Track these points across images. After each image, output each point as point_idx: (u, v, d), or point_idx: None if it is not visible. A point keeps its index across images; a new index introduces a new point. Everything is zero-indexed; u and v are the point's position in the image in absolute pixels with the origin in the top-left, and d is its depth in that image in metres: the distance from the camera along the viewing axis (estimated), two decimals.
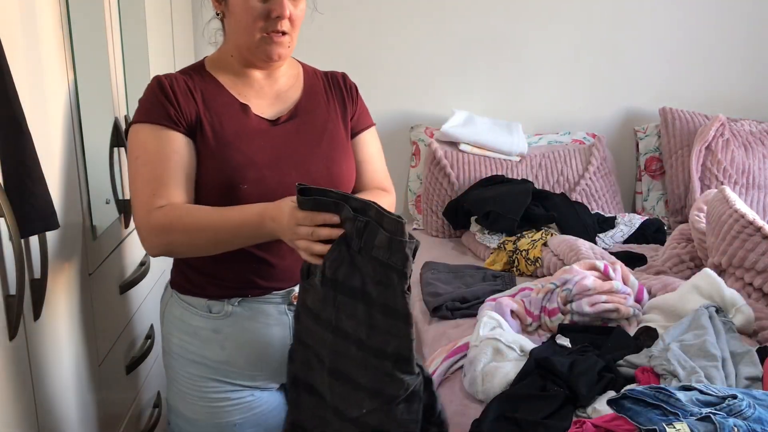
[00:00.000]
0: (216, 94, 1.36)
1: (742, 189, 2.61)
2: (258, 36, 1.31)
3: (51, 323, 1.21)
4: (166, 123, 1.29)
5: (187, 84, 1.34)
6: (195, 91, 1.34)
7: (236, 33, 1.34)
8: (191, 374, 1.40)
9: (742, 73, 2.91)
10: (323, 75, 1.49)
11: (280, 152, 1.35)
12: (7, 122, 1.00)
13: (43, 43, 1.20)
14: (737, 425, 1.04)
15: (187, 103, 1.32)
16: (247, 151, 1.32)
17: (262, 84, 1.40)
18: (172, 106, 1.30)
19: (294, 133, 1.38)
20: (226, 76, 1.38)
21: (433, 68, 2.79)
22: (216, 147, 1.31)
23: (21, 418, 1.10)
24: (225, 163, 1.31)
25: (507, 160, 2.65)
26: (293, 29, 1.33)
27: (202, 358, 1.39)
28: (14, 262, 1.01)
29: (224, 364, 1.38)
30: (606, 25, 2.81)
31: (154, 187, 1.27)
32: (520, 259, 2.18)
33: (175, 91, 1.31)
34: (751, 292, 1.78)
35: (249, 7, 1.28)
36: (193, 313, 1.38)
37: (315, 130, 1.40)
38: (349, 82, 1.50)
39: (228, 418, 1.41)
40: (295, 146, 1.37)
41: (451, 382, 1.55)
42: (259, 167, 1.32)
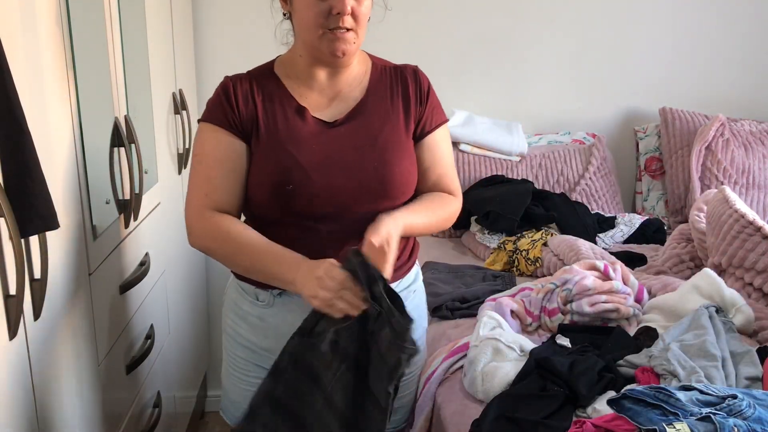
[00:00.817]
0: (276, 96, 1.40)
1: (742, 189, 2.61)
2: (320, 32, 1.32)
3: (51, 323, 1.21)
4: (224, 126, 1.37)
5: (251, 87, 1.40)
6: (257, 94, 1.39)
7: (301, 31, 1.36)
8: (238, 357, 1.48)
9: (742, 73, 2.91)
10: (392, 70, 1.49)
11: (330, 155, 1.37)
12: (7, 122, 1.00)
13: (43, 43, 1.20)
14: (737, 425, 1.04)
15: (246, 108, 1.38)
16: (296, 153, 1.36)
17: (324, 85, 1.42)
18: (231, 110, 1.37)
19: (347, 136, 1.39)
20: (291, 78, 1.42)
21: (432, 68, 2.77)
22: (267, 148, 1.37)
23: (21, 418, 1.10)
24: (273, 163, 1.36)
25: (507, 160, 2.65)
26: (358, 26, 1.33)
27: (249, 343, 1.46)
28: (14, 262, 1.01)
29: (267, 351, 1.43)
30: (606, 25, 2.80)
31: (208, 188, 1.36)
32: (520, 259, 2.18)
33: (237, 95, 1.38)
34: (751, 292, 1.78)
35: (310, 5, 1.30)
36: (244, 298, 1.46)
37: (370, 132, 1.40)
38: (421, 78, 1.48)
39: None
40: (345, 150, 1.38)
41: (451, 382, 1.56)
42: (306, 170, 1.35)
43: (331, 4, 1.28)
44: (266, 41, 2.66)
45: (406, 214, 1.36)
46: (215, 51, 2.64)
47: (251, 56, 2.62)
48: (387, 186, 1.38)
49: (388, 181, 1.38)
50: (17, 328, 1.05)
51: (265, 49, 2.66)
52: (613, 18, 2.80)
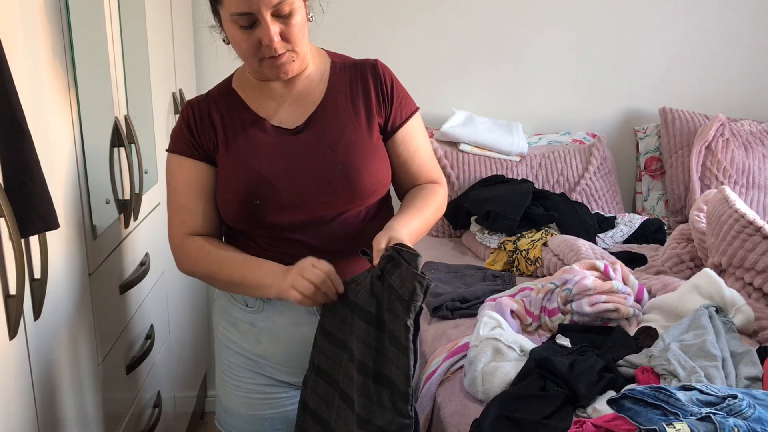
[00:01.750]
0: (235, 113, 1.39)
1: (742, 189, 2.61)
2: (258, 61, 1.30)
3: (51, 323, 1.21)
4: (188, 154, 1.38)
5: (208, 108, 1.39)
6: (214, 115, 1.38)
7: (241, 58, 1.34)
8: (232, 363, 1.46)
9: (742, 73, 2.91)
10: (351, 67, 1.43)
11: (294, 164, 1.34)
12: (7, 122, 1.00)
13: (43, 43, 1.20)
14: (737, 425, 1.04)
15: (205, 131, 1.38)
16: (258, 166, 1.34)
17: (281, 92, 1.39)
18: (192, 137, 1.38)
19: (309, 141, 1.36)
20: (248, 90, 1.40)
21: (433, 68, 2.79)
22: (230, 165, 1.36)
23: (21, 418, 1.10)
24: (237, 180, 1.35)
25: (507, 160, 2.65)
26: (294, 44, 1.29)
27: (241, 349, 1.44)
28: (14, 262, 1.01)
29: (260, 357, 1.43)
30: (606, 25, 2.80)
31: (183, 215, 1.39)
32: (520, 259, 2.18)
33: (196, 120, 1.38)
34: (751, 292, 1.78)
35: (238, 40, 1.27)
36: (233, 305, 1.44)
37: (332, 136, 1.36)
38: (381, 73, 1.42)
39: (261, 411, 1.45)
40: (309, 156, 1.35)
41: (451, 382, 1.56)
42: (270, 181, 1.33)
43: (258, 36, 1.25)
44: None
45: (405, 222, 1.34)
46: (215, 51, 2.63)
47: None
48: (356, 187, 1.35)
49: (356, 182, 1.35)
50: (17, 328, 1.05)
51: None
52: (613, 18, 2.80)
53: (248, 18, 1.23)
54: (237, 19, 1.24)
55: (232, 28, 1.26)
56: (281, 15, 1.24)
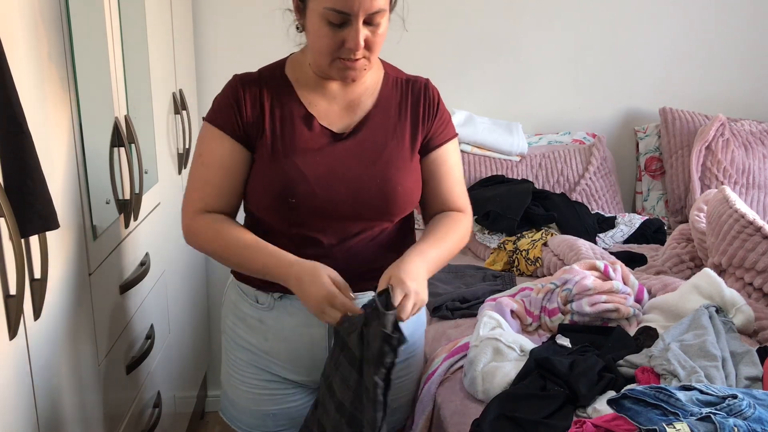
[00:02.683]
0: (285, 101, 1.36)
1: (742, 189, 2.61)
2: (331, 59, 1.28)
3: (51, 323, 1.21)
4: (228, 131, 1.34)
5: (260, 90, 1.35)
6: (265, 99, 1.35)
7: (312, 52, 1.32)
8: (238, 358, 1.47)
9: (742, 73, 2.91)
10: (404, 82, 1.44)
11: (335, 169, 1.34)
12: (7, 122, 1.00)
13: (43, 43, 1.20)
14: (737, 425, 1.04)
15: (253, 113, 1.34)
16: (301, 165, 1.32)
17: (335, 93, 1.38)
18: (238, 115, 1.33)
19: (353, 150, 1.35)
20: (302, 82, 1.37)
21: (432, 68, 2.78)
22: (272, 157, 1.33)
23: (21, 418, 1.10)
24: (278, 174, 1.33)
25: (507, 160, 2.65)
26: (372, 53, 1.29)
27: (248, 344, 1.45)
28: (14, 262, 1.01)
29: (266, 354, 1.43)
30: (606, 25, 2.81)
31: (205, 192, 1.35)
32: (520, 259, 2.18)
33: (246, 99, 1.34)
34: (751, 292, 1.78)
35: (321, 35, 1.25)
36: (244, 300, 1.44)
37: (375, 147, 1.36)
38: (431, 93, 1.43)
39: (264, 407, 1.46)
40: (350, 164, 1.34)
41: (451, 382, 1.56)
42: (310, 183, 1.32)
43: (345, 37, 1.24)
44: (266, 41, 2.66)
45: (423, 250, 1.31)
46: (215, 51, 2.64)
47: (251, 56, 2.62)
48: (389, 203, 1.36)
49: (391, 199, 1.35)
50: (17, 328, 1.05)
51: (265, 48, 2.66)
52: (613, 18, 2.80)
53: (341, 17, 1.22)
54: (329, 14, 1.22)
55: (318, 21, 1.23)
56: (372, 23, 1.25)
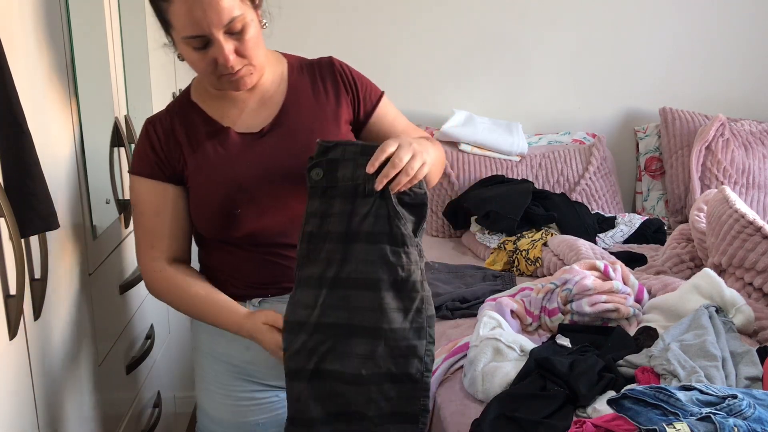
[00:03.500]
0: (199, 125, 1.34)
1: (742, 189, 2.61)
2: (215, 79, 1.27)
3: (51, 323, 1.21)
4: (153, 176, 1.32)
5: (171, 125, 1.33)
6: (179, 130, 1.33)
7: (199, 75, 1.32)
8: (218, 372, 1.42)
9: (742, 73, 2.91)
10: (308, 66, 1.41)
11: (268, 167, 1.31)
12: (7, 122, 1.00)
13: (43, 43, 1.20)
14: (737, 425, 1.03)
15: (171, 149, 1.32)
16: (233, 175, 1.31)
17: (242, 98, 1.35)
18: (156, 157, 1.31)
19: (279, 144, 1.33)
20: (208, 101, 1.35)
21: (433, 68, 2.79)
22: (204, 180, 1.31)
23: (21, 418, 1.10)
24: (214, 193, 1.31)
25: (507, 160, 2.65)
26: (251, 57, 1.25)
27: (228, 357, 1.40)
28: (14, 262, 1.01)
29: (249, 363, 1.39)
30: (606, 25, 2.81)
31: (151, 239, 1.34)
32: (520, 259, 2.18)
33: (159, 139, 1.32)
34: (751, 292, 1.78)
35: (194, 60, 1.24)
36: None
37: (302, 136, 1.34)
38: (338, 66, 1.42)
39: (252, 417, 1.42)
40: (280, 157, 1.32)
41: (451, 382, 1.55)
42: (248, 189, 1.30)
43: (213, 55, 1.22)
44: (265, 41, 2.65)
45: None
46: None
47: None
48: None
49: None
50: (17, 328, 1.05)
51: None
52: (613, 18, 2.80)
53: (201, 40, 1.20)
54: (190, 41, 1.21)
55: (186, 50, 1.23)
56: (234, 32, 1.21)
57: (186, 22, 1.18)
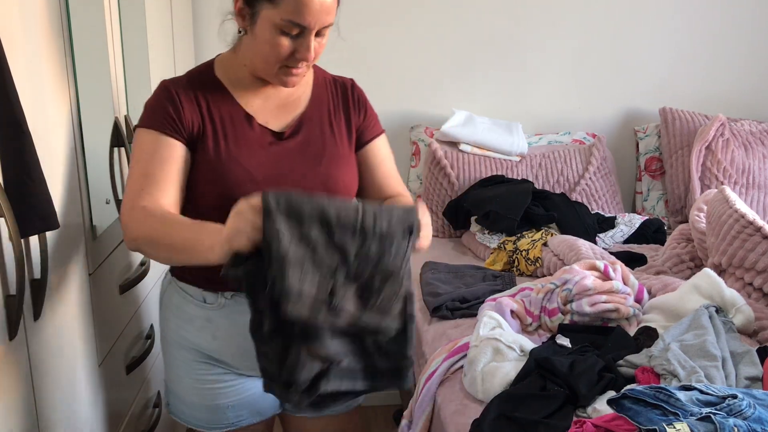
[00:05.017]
0: (221, 103, 1.34)
1: (742, 189, 2.61)
2: (277, 67, 1.29)
3: (51, 323, 1.21)
4: (167, 131, 1.28)
5: (194, 93, 1.32)
6: (201, 100, 1.32)
7: (255, 57, 1.31)
8: (186, 358, 1.44)
9: (742, 73, 2.91)
10: (332, 82, 1.46)
11: (281, 169, 1.34)
12: (7, 122, 1.00)
13: (43, 43, 1.20)
14: (737, 425, 1.04)
15: (192, 113, 1.31)
16: (247, 165, 1.31)
17: (270, 93, 1.38)
18: (175, 115, 1.29)
19: (296, 150, 1.36)
20: (234, 82, 1.36)
21: (433, 68, 2.79)
22: (216, 159, 1.31)
23: (21, 419, 1.10)
24: (224, 176, 1.30)
25: (507, 160, 2.65)
26: (316, 59, 1.31)
27: (195, 345, 1.42)
28: (14, 262, 1.01)
29: (215, 352, 1.42)
30: (606, 25, 2.81)
31: (144, 183, 1.25)
32: (520, 259, 2.18)
33: (181, 100, 1.30)
34: (751, 292, 1.78)
35: (276, 44, 1.24)
36: (189, 301, 1.41)
37: (316, 147, 1.38)
38: (357, 91, 1.47)
39: (221, 400, 1.44)
40: (295, 164, 1.35)
41: (451, 382, 1.56)
42: (259, 183, 1.30)
43: (296, 47, 1.25)
44: None
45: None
46: (215, 51, 2.63)
47: None
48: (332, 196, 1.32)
49: (333, 193, 1.36)
50: (17, 328, 1.05)
51: None
52: (613, 18, 2.80)
53: (298, 29, 1.23)
54: (286, 25, 1.22)
55: (272, 31, 1.23)
56: (320, 35, 1.27)
57: (297, 8, 1.20)
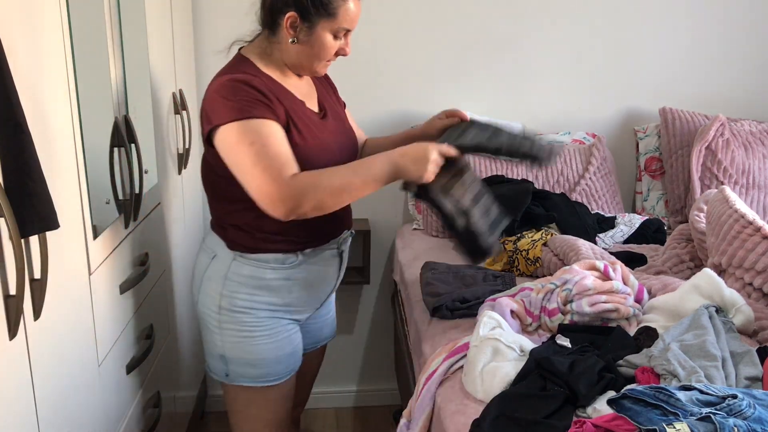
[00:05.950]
0: (281, 93, 1.56)
1: (742, 189, 2.61)
2: (318, 62, 1.60)
3: (51, 323, 1.21)
4: (268, 116, 1.48)
5: (264, 83, 1.53)
6: (268, 90, 1.52)
7: (304, 57, 1.59)
8: (260, 318, 1.65)
9: (742, 73, 2.91)
10: None
11: (330, 144, 1.62)
12: (7, 122, 1.00)
13: (43, 43, 1.20)
14: (737, 425, 1.04)
15: (275, 100, 1.52)
16: (320, 139, 1.59)
17: (299, 83, 1.66)
18: (270, 102, 1.50)
19: (334, 125, 1.68)
20: (281, 77, 1.61)
21: (433, 68, 2.79)
22: (299, 137, 1.54)
23: (21, 418, 1.10)
24: (310, 152, 1.54)
25: (507, 160, 2.65)
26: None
27: (269, 305, 1.66)
28: (14, 262, 1.01)
29: (288, 305, 1.69)
30: (606, 25, 2.81)
31: (281, 161, 1.46)
32: (520, 259, 2.18)
33: (262, 90, 1.50)
34: (751, 292, 1.78)
35: (330, 46, 1.57)
36: (265, 269, 1.64)
37: (341, 121, 1.73)
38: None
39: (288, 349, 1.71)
40: (337, 135, 1.68)
41: (451, 382, 1.56)
42: (332, 152, 1.60)
43: (340, 45, 1.59)
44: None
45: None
46: (215, 51, 2.63)
47: None
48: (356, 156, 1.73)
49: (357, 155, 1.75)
50: (17, 328, 1.05)
51: None
52: (614, 18, 2.80)
53: (347, 33, 1.58)
54: (339, 30, 1.55)
55: (328, 36, 1.55)
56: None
57: (350, 18, 1.55)
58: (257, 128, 1.45)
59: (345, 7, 1.53)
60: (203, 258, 1.70)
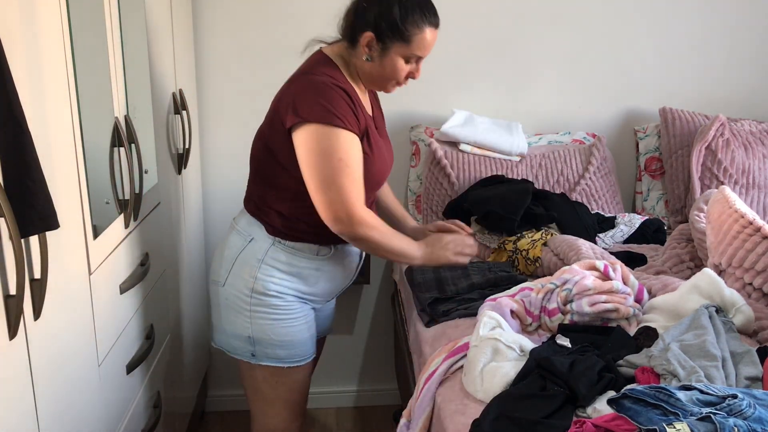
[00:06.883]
0: (360, 105, 1.68)
1: (742, 189, 2.61)
2: (389, 82, 1.72)
3: (51, 323, 1.21)
4: (357, 132, 1.63)
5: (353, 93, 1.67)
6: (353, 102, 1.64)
7: (377, 76, 1.70)
8: (288, 302, 1.75)
9: (742, 73, 2.91)
10: None
11: (389, 154, 1.82)
12: (7, 122, 1.00)
13: (43, 43, 1.20)
14: (737, 425, 1.04)
15: (359, 113, 1.64)
16: (381, 154, 1.75)
17: (364, 98, 1.78)
18: (356, 117, 1.63)
19: (384, 138, 1.84)
20: (357, 92, 1.72)
21: (433, 68, 2.78)
22: (369, 150, 1.68)
23: (21, 419, 1.10)
24: (370, 165, 1.68)
25: (507, 160, 2.65)
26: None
27: (295, 291, 1.76)
28: (14, 262, 1.01)
29: (311, 294, 1.80)
30: (606, 25, 2.80)
31: (359, 186, 1.62)
32: (520, 259, 2.18)
33: (354, 101, 1.64)
34: (751, 292, 1.78)
35: (401, 69, 1.68)
36: (300, 257, 1.75)
37: (386, 133, 1.87)
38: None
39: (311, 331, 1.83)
40: (389, 149, 1.84)
41: (451, 382, 1.56)
42: (387, 167, 1.80)
43: (412, 70, 1.71)
44: (265, 41, 2.65)
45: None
46: (215, 51, 2.63)
47: (251, 56, 2.62)
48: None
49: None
50: (17, 328, 1.05)
51: (265, 49, 2.66)
52: (614, 18, 2.80)
53: (419, 59, 1.69)
54: (411, 56, 1.67)
55: (400, 61, 1.67)
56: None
57: (424, 46, 1.67)
58: (346, 143, 1.58)
59: (421, 36, 1.64)
60: (237, 240, 1.76)
